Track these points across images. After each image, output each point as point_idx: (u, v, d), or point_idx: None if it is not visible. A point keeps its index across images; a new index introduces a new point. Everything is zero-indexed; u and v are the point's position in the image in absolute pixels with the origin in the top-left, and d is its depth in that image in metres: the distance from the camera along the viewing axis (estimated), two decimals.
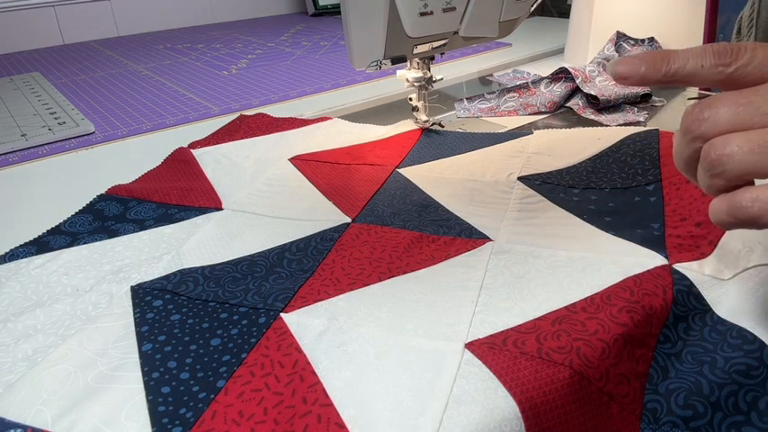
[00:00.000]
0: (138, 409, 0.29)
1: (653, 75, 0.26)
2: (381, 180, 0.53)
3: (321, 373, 0.30)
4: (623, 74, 0.26)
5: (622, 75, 0.26)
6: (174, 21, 1.54)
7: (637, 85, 0.27)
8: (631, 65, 0.26)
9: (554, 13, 1.44)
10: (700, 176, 0.26)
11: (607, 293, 0.34)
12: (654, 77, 0.26)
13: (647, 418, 0.29)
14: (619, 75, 0.27)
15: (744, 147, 0.23)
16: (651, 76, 0.26)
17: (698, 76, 0.25)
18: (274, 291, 0.37)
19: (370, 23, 0.49)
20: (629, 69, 0.26)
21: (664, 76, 0.26)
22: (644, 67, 0.26)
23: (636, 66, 0.26)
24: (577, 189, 0.48)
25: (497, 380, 0.28)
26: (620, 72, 0.26)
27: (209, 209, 0.49)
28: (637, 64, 0.26)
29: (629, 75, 0.26)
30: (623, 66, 0.26)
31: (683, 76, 0.25)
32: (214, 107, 0.80)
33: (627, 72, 0.26)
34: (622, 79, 0.27)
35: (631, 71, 0.26)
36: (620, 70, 0.26)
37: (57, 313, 0.36)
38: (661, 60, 0.26)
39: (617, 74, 0.27)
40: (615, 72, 0.27)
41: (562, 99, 0.71)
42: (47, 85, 0.95)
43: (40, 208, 0.52)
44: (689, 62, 0.25)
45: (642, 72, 0.26)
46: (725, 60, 0.24)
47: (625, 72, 0.26)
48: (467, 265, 0.39)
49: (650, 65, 0.26)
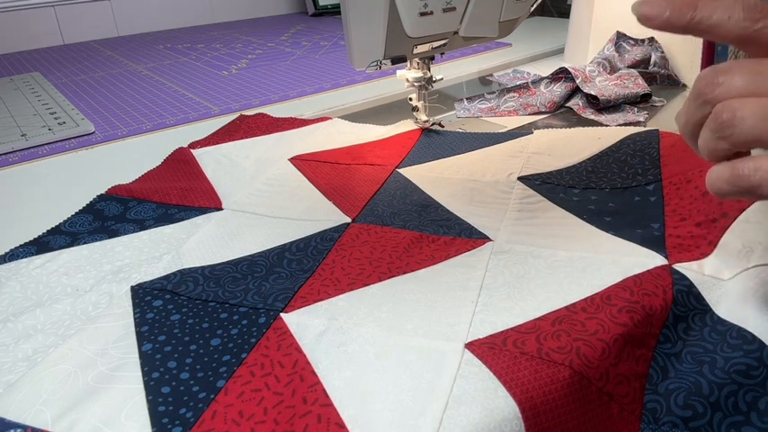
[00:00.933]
0: (138, 409, 0.29)
1: (677, 20, 0.25)
2: (381, 180, 0.53)
3: (321, 373, 0.30)
4: (647, 15, 0.25)
5: (646, 15, 0.25)
6: (174, 21, 1.54)
7: (659, 28, 0.25)
8: (657, 6, 0.25)
9: (554, 13, 1.44)
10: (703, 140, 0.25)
11: (607, 293, 0.34)
12: (678, 23, 0.25)
13: (646, 418, 0.29)
14: (642, 15, 0.25)
15: (757, 112, 0.23)
16: (675, 22, 0.25)
17: (722, 28, 0.24)
18: (274, 291, 0.37)
19: (370, 23, 0.49)
20: (654, 11, 0.25)
21: (688, 22, 0.24)
22: (669, 11, 0.25)
23: (661, 8, 0.25)
24: (577, 189, 0.48)
25: (497, 380, 0.28)
26: (645, 13, 0.25)
27: (209, 209, 0.49)
28: (663, 6, 0.25)
29: (653, 17, 0.25)
30: (648, 7, 0.25)
31: (708, 26, 0.24)
32: (214, 107, 0.80)
33: (651, 13, 0.25)
34: (646, 20, 0.25)
35: (656, 13, 0.25)
36: (644, 11, 0.25)
37: (57, 313, 0.36)
38: (688, 6, 0.24)
39: (641, 14, 0.25)
40: (639, 13, 0.25)
41: (562, 99, 0.71)
42: (47, 85, 0.95)
43: (40, 208, 0.52)
44: (716, 12, 0.24)
45: (667, 16, 0.25)
46: (754, 15, 0.23)
47: (649, 13, 0.25)
48: (467, 265, 0.39)
49: (676, 9, 0.25)
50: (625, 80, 0.72)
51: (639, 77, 0.73)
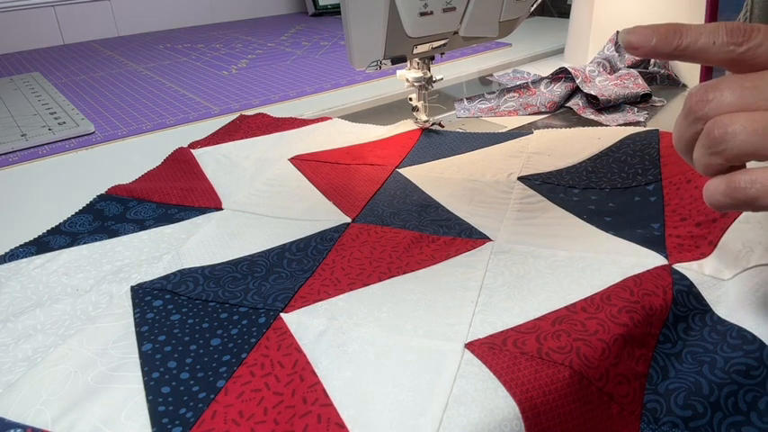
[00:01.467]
0: (138, 409, 0.29)
1: (664, 48, 0.25)
2: (381, 180, 0.53)
3: (321, 373, 0.30)
4: (634, 44, 0.26)
5: (633, 45, 0.26)
6: (174, 21, 1.54)
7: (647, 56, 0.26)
8: (643, 35, 0.26)
9: (554, 13, 1.44)
10: (697, 155, 0.25)
11: (607, 293, 0.34)
12: (665, 51, 0.25)
13: (646, 418, 0.29)
14: (629, 44, 0.26)
15: (748, 127, 0.23)
16: (662, 49, 0.25)
17: (708, 53, 0.25)
18: (274, 291, 0.37)
19: (370, 23, 0.49)
20: (641, 40, 0.26)
21: (674, 50, 0.25)
22: (655, 39, 0.25)
23: (647, 36, 0.25)
24: (577, 189, 0.48)
25: (497, 380, 0.28)
26: (632, 42, 0.26)
27: (209, 209, 0.49)
28: (648, 35, 0.25)
29: (640, 45, 0.26)
30: (635, 36, 0.26)
31: (694, 51, 0.25)
32: (214, 107, 0.80)
33: (638, 42, 0.26)
34: (633, 49, 0.26)
35: (642, 42, 0.26)
36: (631, 39, 0.26)
37: (57, 313, 0.36)
38: (673, 33, 0.25)
39: (628, 43, 0.26)
40: (626, 41, 0.26)
41: (562, 99, 0.71)
42: (47, 85, 0.95)
43: (40, 208, 0.52)
44: (701, 38, 0.25)
45: (653, 44, 0.25)
46: (737, 39, 0.24)
47: (636, 42, 0.26)
48: (467, 265, 0.39)
49: (662, 37, 0.25)
50: (625, 80, 0.72)
51: (639, 77, 0.73)
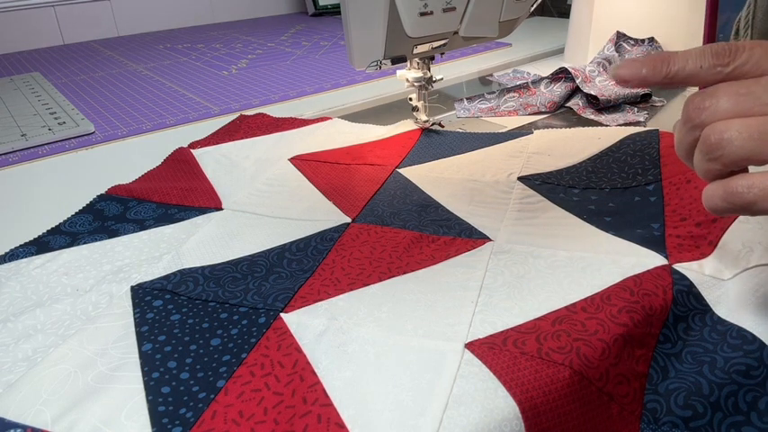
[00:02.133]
0: (138, 409, 0.29)
1: (654, 77, 0.27)
2: (381, 180, 0.53)
3: (321, 373, 0.30)
4: (625, 77, 0.27)
5: (624, 78, 0.27)
6: (174, 21, 1.54)
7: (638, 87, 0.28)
8: (632, 68, 0.27)
9: (554, 13, 1.44)
10: (697, 161, 0.26)
11: (607, 293, 0.34)
12: (655, 79, 0.27)
13: (646, 419, 0.29)
14: (620, 78, 0.27)
15: (743, 132, 0.23)
16: (652, 79, 0.27)
17: (698, 77, 0.26)
18: (274, 291, 0.37)
19: (370, 23, 0.49)
20: (631, 73, 0.27)
21: (664, 77, 0.26)
22: (645, 69, 0.27)
23: (637, 69, 0.27)
24: (577, 189, 0.48)
25: (497, 380, 0.28)
26: (622, 75, 0.27)
27: (209, 209, 0.49)
28: (638, 67, 0.27)
29: (631, 78, 0.27)
30: (625, 69, 0.27)
31: (684, 77, 0.26)
32: (214, 107, 0.80)
33: (629, 75, 0.27)
34: (624, 82, 0.27)
35: (633, 74, 0.27)
36: (621, 73, 0.27)
37: (57, 313, 0.36)
38: (661, 63, 0.26)
39: (619, 77, 0.27)
40: (617, 75, 0.27)
41: (562, 99, 0.71)
42: (47, 85, 0.95)
43: (40, 208, 0.52)
44: (688, 63, 0.26)
45: (643, 75, 0.27)
46: (723, 61, 0.25)
47: (627, 75, 0.27)
48: (467, 265, 0.39)
49: (651, 67, 0.26)
50: None
51: None
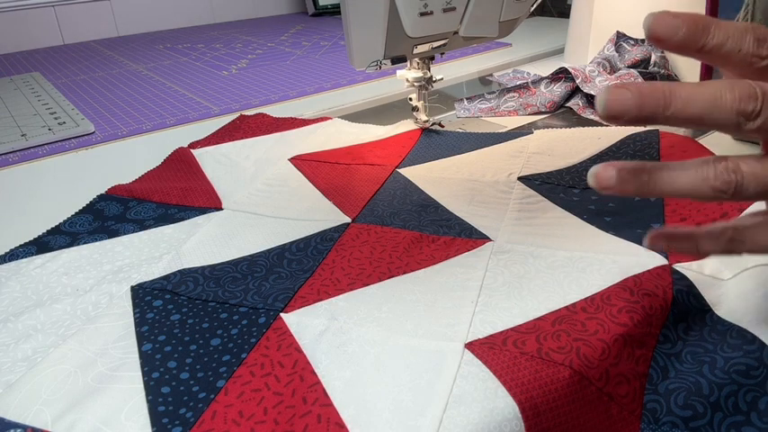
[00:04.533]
0: (138, 409, 0.29)
1: (690, 44, 0.22)
2: (381, 180, 0.53)
3: (321, 373, 0.30)
4: (659, 35, 0.22)
5: (658, 36, 0.22)
6: (174, 21, 1.54)
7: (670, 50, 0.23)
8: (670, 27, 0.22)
9: (554, 13, 1.44)
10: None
11: (607, 293, 0.34)
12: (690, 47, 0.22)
13: (646, 419, 0.29)
14: (654, 35, 0.22)
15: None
16: (688, 46, 0.22)
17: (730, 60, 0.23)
18: (274, 291, 0.37)
19: (370, 23, 0.49)
20: (667, 31, 0.22)
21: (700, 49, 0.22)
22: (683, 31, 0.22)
23: (675, 28, 0.22)
24: (577, 189, 0.48)
25: (497, 380, 0.28)
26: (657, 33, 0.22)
27: (209, 209, 0.49)
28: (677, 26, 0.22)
29: (665, 38, 0.22)
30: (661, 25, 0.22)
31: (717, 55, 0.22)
32: (214, 107, 0.80)
33: (663, 34, 0.22)
34: (656, 41, 0.22)
35: (669, 34, 0.22)
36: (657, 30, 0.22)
37: (57, 313, 0.36)
38: (702, 30, 0.22)
39: (652, 33, 0.22)
40: (651, 31, 0.22)
41: (562, 99, 0.71)
42: (47, 85, 0.95)
43: (40, 208, 0.52)
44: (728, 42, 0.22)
45: (680, 38, 0.22)
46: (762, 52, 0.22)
47: (662, 34, 0.22)
48: (467, 265, 0.39)
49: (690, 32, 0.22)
50: (625, 80, 0.72)
51: (639, 77, 0.73)
